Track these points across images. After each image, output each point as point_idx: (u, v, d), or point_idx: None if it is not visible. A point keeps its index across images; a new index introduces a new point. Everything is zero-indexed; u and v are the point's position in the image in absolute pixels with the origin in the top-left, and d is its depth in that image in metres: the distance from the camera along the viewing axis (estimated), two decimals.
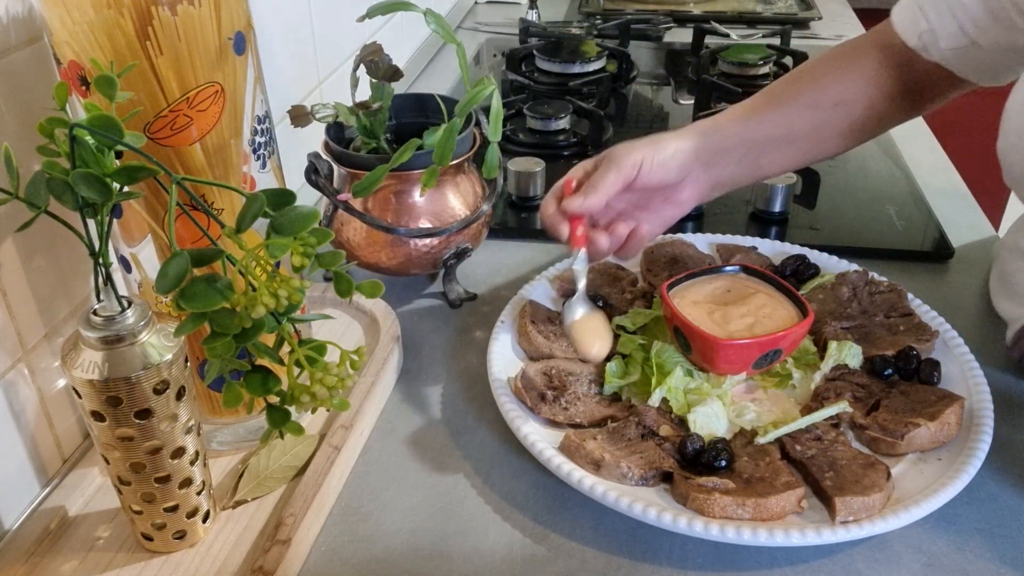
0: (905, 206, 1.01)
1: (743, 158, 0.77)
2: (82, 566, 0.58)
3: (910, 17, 0.79)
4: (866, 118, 0.80)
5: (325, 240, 0.46)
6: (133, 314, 0.51)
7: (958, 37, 0.75)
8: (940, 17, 0.76)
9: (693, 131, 0.76)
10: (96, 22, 0.50)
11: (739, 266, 0.77)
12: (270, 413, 0.50)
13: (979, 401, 0.67)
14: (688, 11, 1.75)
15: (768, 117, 0.78)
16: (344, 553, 0.60)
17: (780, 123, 0.78)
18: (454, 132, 0.70)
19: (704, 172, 0.76)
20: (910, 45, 0.79)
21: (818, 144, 0.80)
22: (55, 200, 0.46)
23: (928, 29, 0.77)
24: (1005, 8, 0.72)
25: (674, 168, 0.73)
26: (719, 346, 0.67)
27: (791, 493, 0.58)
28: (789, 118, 0.78)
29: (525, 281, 0.83)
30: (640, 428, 0.65)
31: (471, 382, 0.76)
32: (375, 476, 0.66)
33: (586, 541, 0.61)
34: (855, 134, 0.81)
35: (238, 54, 0.56)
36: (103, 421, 0.52)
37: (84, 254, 0.48)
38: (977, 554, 0.59)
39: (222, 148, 0.57)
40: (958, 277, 0.89)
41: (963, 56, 0.77)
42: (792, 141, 0.79)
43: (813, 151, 0.81)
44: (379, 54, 0.77)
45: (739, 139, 0.77)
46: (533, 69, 1.43)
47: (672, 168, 0.73)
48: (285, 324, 0.47)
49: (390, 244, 0.80)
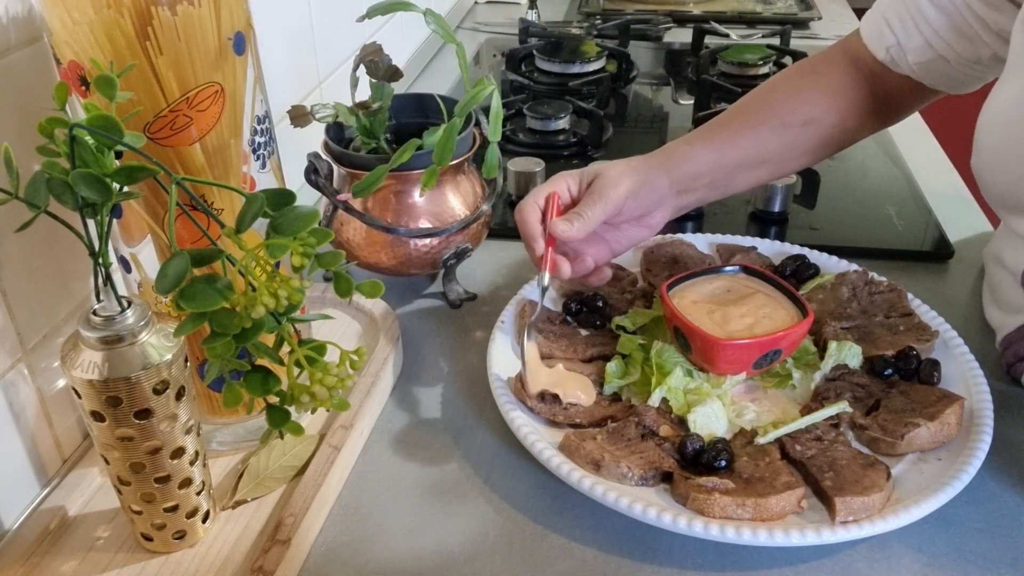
0: (905, 206, 1.01)
1: (713, 182, 0.78)
2: (82, 566, 0.58)
3: (877, 32, 0.79)
4: (836, 134, 0.80)
5: (325, 240, 0.46)
6: (133, 314, 0.51)
7: (925, 51, 0.76)
8: (906, 31, 0.76)
9: (668, 161, 0.76)
10: (96, 22, 0.50)
11: (739, 266, 0.77)
12: (270, 413, 0.50)
13: (979, 401, 0.67)
14: (688, 11, 1.75)
15: (740, 141, 0.78)
16: (344, 553, 0.60)
17: (751, 146, 0.78)
18: (454, 132, 0.70)
19: (676, 199, 0.77)
20: (879, 59, 0.79)
21: (787, 163, 0.81)
22: (55, 200, 0.46)
23: (895, 43, 0.77)
24: (968, 22, 0.72)
25: (650, 202, 0.75)
26: (719, 346, 0.67)
27: (791, 493, 0.58)
28: (760, 140, 0.79)
29: (525, 281, 0.83)
30: (640, 428, 0.65)
31: (471, 382, 0.76)
32: (375, 476, 0.66)
33: (586, 541, 0.61)
34: (824, 150, 0.81)
35: (238, 54, 0.56)
36: (103, 421, 0.52)
37: (84, 254, 0.48)
38: (977, 554, 0.59)
39: (222, 148, 0.57)
40: (958, 277, 0.89)
41: (931, 69, 0.77)
42: (762, 162, 0.79)
43: (781, 169, 0.81)
44: (379, 54, 0.77)
45: (712, 165, 0.77)
46: (533, 69, 1.43)
47: (649, 202, 0.75)
48: (285, 324, 0.47)
49: (390, 244, 0.80)
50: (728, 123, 0.80)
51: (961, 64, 0.76)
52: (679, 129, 1.25)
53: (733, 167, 0.78)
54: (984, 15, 0.71)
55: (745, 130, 0.79)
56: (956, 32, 0.74)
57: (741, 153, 0.78)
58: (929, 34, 0.75)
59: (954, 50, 0.75)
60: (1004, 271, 0.76)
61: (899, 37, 0.77)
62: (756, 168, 0.79)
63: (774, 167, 0.80)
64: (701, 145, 0.78)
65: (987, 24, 0.71)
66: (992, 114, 0.68)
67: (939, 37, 0.75)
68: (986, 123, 0.69)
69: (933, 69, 0.77)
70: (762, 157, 0.79)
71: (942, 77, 0.78)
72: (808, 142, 0.80)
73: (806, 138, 0.79)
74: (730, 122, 0.80)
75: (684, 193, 0.77)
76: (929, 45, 0.75)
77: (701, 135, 0.79)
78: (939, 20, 0.74)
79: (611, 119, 1.27)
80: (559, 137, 1.18)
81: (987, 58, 0.74)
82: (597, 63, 1.40)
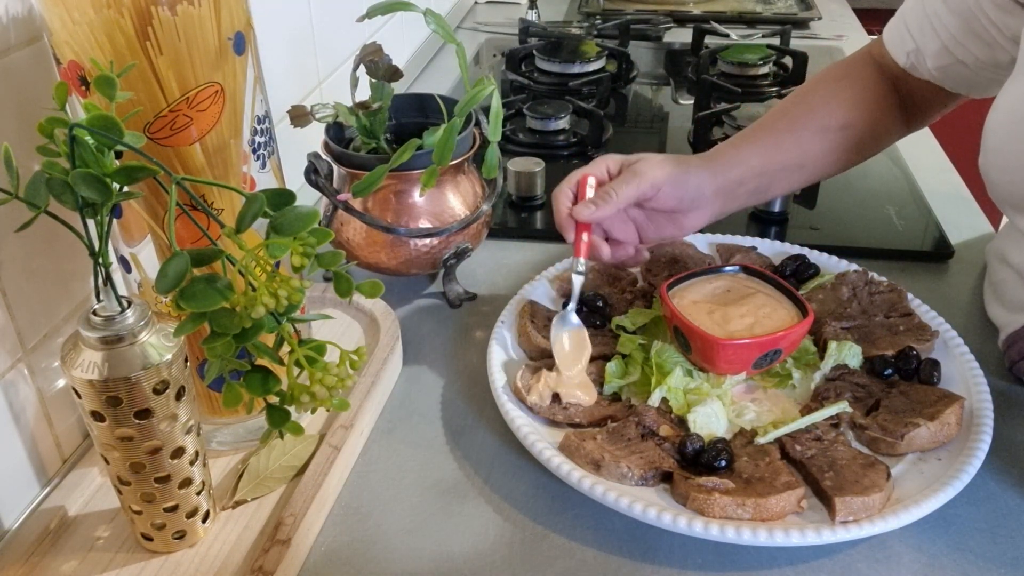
0: (905, 206, 1.01)
1: (756, 188, 0.78)
2: (82, 566, 0.58)
3: (898, 37, 0.80)
4: (868, 139, 0.80)
5: (325, 240, 0.46)
6: (133, 314, 0.51)
7: (943, 55, 0.76)
8: (924, 36, 0.77)
9: (714, 163, 0.76)
10: (96, 22, 0.50)
11: (739, 266, 0.77)
12: (270, 413, 0.50)
13: (979, 401, 0.67)
14: (688, 11, 1.75)
15: (784, 144, 0.79)
16: (344, 553, 0.60)
17: (794, 149, 0.79)
18: (454, 132, 0.70)
19: (717, 203, 0.76)
20: (900, 64, 0.80)
21: (824, 167, 0.81)
22: (55, 200, 0.46)
23: (915, 49, 0.78)
24: (984, 25, 0.72)
25: (689, 200, 0.74)
26: (719, 346, 0.67)
27: (791, 493, 0.58)
28: (802, 143, 0.79)
29: (525, 281, 0.83)
30: (640, 428, 0.65)
31: (471, 382, 0.76)
32: (375, 476, 0.66)
33: (586, 541, 0.61)
34: (857, 155, 0.81)
35: (238, 54, 0.56)
36: (103, 421, 0.52)
37: (84, 254, 0.48)
38: (977, 554, 0.59)
39: (222, 148, 0.57)
40: (958, 277, 0.89)
41: (950, 73, 0.78)
42: (802, 165, 0.79)
43: (817, 173, 0.82)
44: (379, 54, 0.77)
45: (758, 169, 0.77)
46: (533, 69, 1.43)
47: (687, 199, 0.74)
48: (285, 324, 0.47)
49: (390, 244, 0.80)
50: (772, 126, 0.80)
51: (980, 68, 0.75)
52: (679, 129, 1.25)
53: (776, 170, 0.78)
54: (997, 20, 0.71)
55: (787, 133, 0.79)
56: (973, 36, 0.74)
57: (784, 157, 0.78)
58: (947, 38, 0.75)
59: (972, 54, 0.75)
60: (1009, 269, 0.76)
61: (918, 42, 0.77)
62: (796, 172, 0.80)
63: (811, 171, 0.81)
64: (747, 148, 0.78)
65: (1000, 28, 0.72)
66: (1000, 114, 0.68)
67: (956, 42, 0.75)
68: (994, 123, 0.69)
69: (952, 73, 0.77)
70: (802, 161, 0.79)
71: (962, 81, 0.78)
72: (844, 145, 0.80)
73: (843, 142, 0.79)
74: (774, 125, 0.80)
75: (727, 198, 0.77)
76: (947, 50, 0.76)
77: (746, 138, 0.79)
78: (955, 25, 0.74)
79: (611, 119, 1.27)
80: (559, 137, 1.18)
81: (1005, 62, 0.73)
82: (597, 63, 1.40)
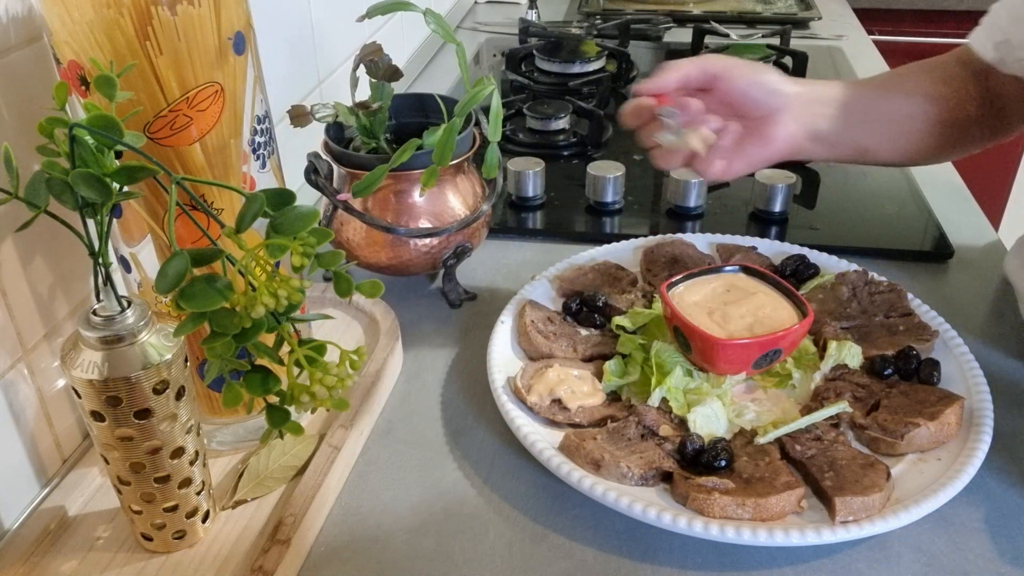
0: (905, 206, 1.01)
1: (839, 117, 0.75)
2: (82, 566, 0.58)
3: (986, 32, 0.78)
4: (956, 121, 0.78)
5: (325, 240, 0.46)
6: (133, 314, 0.51)
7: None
8: (1016, 26, 0.75)
9: (802, 80, 0.76)
10: (96, 22, 0.50)
11: (739, 266, 0.77)
12: (270, 413, 0.50)
13: (979, 401, 0.67)
14: (688, 11, 1.75)
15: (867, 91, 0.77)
16: (344, 553, 0.60)
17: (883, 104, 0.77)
18: (454, 132, 0.70)
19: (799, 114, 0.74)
20: (987, 59, 0.78)
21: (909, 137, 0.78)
22: (55, 200, 0.46)
23: (1004, 40, 0.76)
24: None
25: (763, 91, 0.72)
26: (719, 346, 0.67)
27: (791, 493, 0.58)
28: (891, 100, 0.78)
29: (525, 281, 0.83)
30: (640, 428, 0.65)
31: (471, 382, 0.76)
32: (375, 476, 0.66)
33: (586, 541, 0.61)
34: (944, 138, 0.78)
35: (238, 54, 0.56)
36: (103, 421, 0.52)
37: (84, 254, 0.48)
38: (977, 554, 0.59)
39: (222, 148, 0.57)
40: (958, 277, 0.89)
41: None
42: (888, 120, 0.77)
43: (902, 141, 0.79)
44: (379, 54, 0.77)
45: (840, 100, 0.75)
46: (533, 69, 1.43)
47: (762, 88, 0.72)
48: (285, 324, 0.47)
49: (390, 244, 0.80)
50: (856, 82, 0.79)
51: None
52: None
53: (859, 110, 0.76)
54: None
55: (872, 87, 0.78)
56: None
57: (866, 103, 0.77)
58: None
59: None
60: None
61: (1009, 33, 0.75)
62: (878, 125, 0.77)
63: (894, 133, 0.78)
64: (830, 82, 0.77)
65: None
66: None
67: None
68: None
69: None
70: (890, 116, 0.77)
71: None
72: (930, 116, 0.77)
73: (929, 110, 0.77)
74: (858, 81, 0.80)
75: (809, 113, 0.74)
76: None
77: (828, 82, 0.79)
78: None
79: (611, 119, 1.26)
80: (559, 137, 1.18)
81: None
82: (597, 63, 1.40)
